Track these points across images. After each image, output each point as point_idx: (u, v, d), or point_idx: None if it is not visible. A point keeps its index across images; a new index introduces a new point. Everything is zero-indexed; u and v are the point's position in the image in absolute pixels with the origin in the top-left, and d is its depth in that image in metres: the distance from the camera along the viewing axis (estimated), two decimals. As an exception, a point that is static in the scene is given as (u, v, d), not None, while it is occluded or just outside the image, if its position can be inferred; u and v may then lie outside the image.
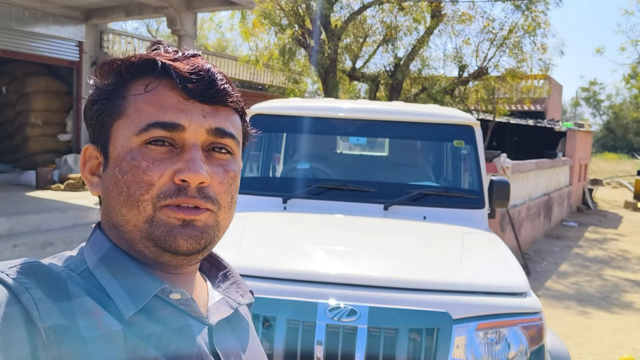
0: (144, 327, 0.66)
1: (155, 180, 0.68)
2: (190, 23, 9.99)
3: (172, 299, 0.70)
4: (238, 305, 0.81)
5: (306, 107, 3.80)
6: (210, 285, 0.83)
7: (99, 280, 0.68)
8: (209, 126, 0.71)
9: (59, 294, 0.63)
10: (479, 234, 3.10)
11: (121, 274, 0.69)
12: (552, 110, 18.07)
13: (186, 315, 0.71)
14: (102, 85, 0.74)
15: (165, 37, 28.82)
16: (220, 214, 0.73)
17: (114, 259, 0.70)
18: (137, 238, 0.69)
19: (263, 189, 3.61)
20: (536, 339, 2.25)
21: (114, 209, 0.70)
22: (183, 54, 0.73)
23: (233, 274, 0.87)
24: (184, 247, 0.69)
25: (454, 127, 3.63)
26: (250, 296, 0.86)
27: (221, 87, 0.72)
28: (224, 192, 0.72)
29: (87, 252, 0.72)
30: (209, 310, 0.76)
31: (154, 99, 0.70)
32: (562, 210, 12.68)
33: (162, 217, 0.68)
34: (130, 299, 0.67)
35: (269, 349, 2.22)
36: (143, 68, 0.71)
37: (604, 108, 51.54)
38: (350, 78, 14.55)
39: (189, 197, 0.68)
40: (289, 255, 2.62)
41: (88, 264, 0.70)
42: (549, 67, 13.62)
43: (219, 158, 0.73)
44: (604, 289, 7.02)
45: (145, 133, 0.69)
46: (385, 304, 2.22)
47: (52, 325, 0.60)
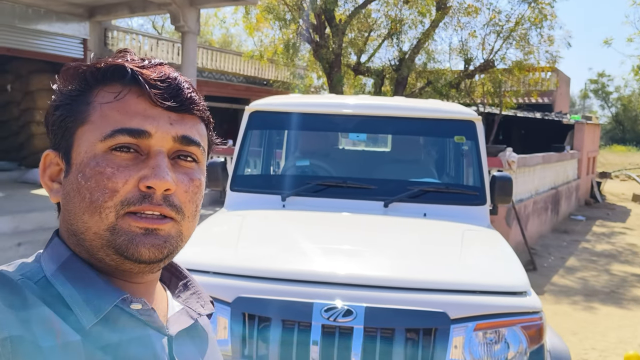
0: (103, 337, 0.65)
1: (119, 187, 0.66)
2: (194, 19, 9.96)
3: (132, 309, 0.69)
4: (198, 315, 0.80)
5: (305, 103, 3.77)
6: (170, 295, 0.82)
7: (57, 289, 0.67)
8: (175, 133, 0.70)
9: (16, 303, 0.62)
10: (480, 231, 3.06)
11: (80, 283, 0.68)
12: (560, 103, 17.91)
13: (146, 326, 0.70)
14: (65, 90, 0.73)
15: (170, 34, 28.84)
16: (184, 224, 0.71)
17: (73, 267, 0.69)
18: (97, 246, 0.68)
19: (262, 187, 3.58)
20: (536, 339, 2.21)
21: (74, 216, 0.69)
22: (149, 62, 0.73)
23: (194, 284, 0.85)
24: (146, 256, 0.67)
25: (455, 123, 3.58)
26: (211, 307, 0.84)
27: (188, 95, 0.72)
28: (188, 201, 0.71)
29: (45, 260, 0.71)
30: (169, 320, 0.75)
31: (120, 106, 0.69)
32: (570, 204, 12.58)
33: (124, 226, 0.67)
34: (90, 308, 0.66)
35: (265, 350, 2.19)
36: (110, 74, 0.70)
37: (612, 100, 51.11)
38: (355, 72, 14.47)
39: (154, 204, 0.67)
40: (286, 254, 2.59)
41: (45, 273, 0.68)
42: (556, 59, 13.49)
43: (185, 166, 0.72)
44: (611, 284, 6.95)
45: (111, 139, 0.67)
46: (382, 304, 2.18)
47: (9, 336, 0.58)
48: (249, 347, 2.20)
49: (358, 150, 4.46)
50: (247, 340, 2.21)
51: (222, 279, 2.31)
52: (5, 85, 11.55)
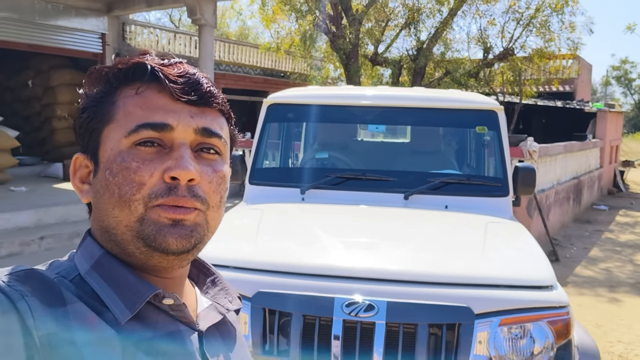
0: (136, 333, 0.67)
1: (146, 180, 0.68)
2: (210, 12, 9.96)
3: (164, 304, 0.71)
4: (227, 311, 0.82)
5: (323, 95, 3.73)
6: (198, 291, 0.84)
7: (91, 286, 0.69)
8: (196, 126, 0.72)
9: (53, 301, 0.64)
10: (503, 223, 3.00)
11: (114, 280, 0.70)
12: (581, 91, 17.58)
13: (177, 321, 0.72)
14: (90, 94, 0.75)
15: (187, 27, 28.92)
16: (209, 214, 0.73)
17: (106, 265, 0.71)
18: (128, 239, 0.70)
19: (281, 180, 3.56)
20: (563, 334, 2.16)
21: (105, 212, 0.71)
22: (169, 61, 0.75)
23: (221, 280, 0.87)
24: (174, 246, 0.69)
25: (476, 113, 3.51)
26: (239, 302, 0.86)
27: (207, 89, 0.74)
28: (213, 192, 0.73)
29: (79, 259, 0.73)
30: (198, 316, 0.78)
31: (143, 102, 0.71)
32: (593, 193, 12.37)
33: (153, 216, 0.69)
34: (124, 304, 0.68)
35: (286, 345, 2.18)
36: (131, 74, 0.73)
37: (635, 87, 50.05)
38: (372, 63, 14.36)
39: (179, 196, 0.69)
40: (306, 248, 2.57)
41: (80, 271, 0.71)
42: (577, 46, 13.22)
43: (208, 158, 0.74)
44: (636, 275, 6.82)
45: (135, 134, 0.69)
46: (404, 299, 2.15)
47: (47, 334, 0.60)
48: (269, 342, 2.19)
49: (377, 142, 4.41)
50: (268, 336, 2.19)
51: (243, 274, 2.30)
52: (26, 80, 11.70)
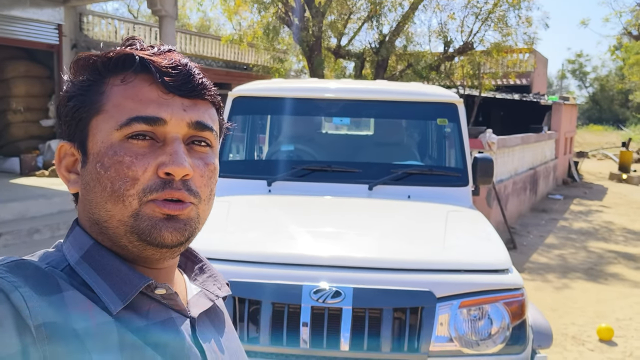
0: (129, 322, 0.67)
1: (139, 175, 0.68)
2: (171, 2, 9.82)
3: (156, 294, 0.71)
4: (216, 297, 0.82)
5: (288, 88, 3.78)
6: (187, 278, 0.84)
7: (82, 277, 0.69)
8: (189, 119, 0.72)
9: (48, 289, 0.64)
10: (463, 212, 3.12)
11: (105, 271, 0.69)
12: (537, 84, 18.10)
13: (169, 309, 0.73)
14: (77, 81, 0.74)
15: (146, 18, 28.35)
16: (201, 207, 0.74)
17: (97, 255, 0.71)
18: (121, 233, 0.70)
19: (247, 172, 3.60)
20: (518, 314, 2.28)
21: (96, 205, 0.71)
22: (159, 49, 0.74)
23: (209, 267, 0.88)
24: (169, 240, 0.70)
25: (437, 105, 3.63)
26: (227, 289, 0.87)
27: (199, 80, 0.73)
28: (204, 185, 0.74)
29: (68, 249, 0.72)
30: (189, 303, 0.78)
31: (133, 94, 0.70)
32: (548, 183, 12.80)
33: (148, 211, 0.69)
34: (116, 294, 0.68)
35: (256, 332, 2.24)
36: (121, 63, 0.71)
37: (589, 80, 51.76)
38: (335, 56, 14.42)
39: (174, 189, 0.69)
40: (274, 238, 2.62)
41: (69, 261, 0.70)
42: (533, 40, 13.60)
43: (199, 151, 0.74)
44: (589, 261, 7.14)
45: (127, 127, 0.69)
46: (370, 285, 2.23)
47: (43, 323, 0.60)
48: (239, 330, 2.24)
49: (342, 135, 4.49)
50: (238, 324, 2.24)
51: (212, 264, 2.33)
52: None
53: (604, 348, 4.36)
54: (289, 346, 2.20)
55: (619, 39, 24.08)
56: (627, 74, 28.03)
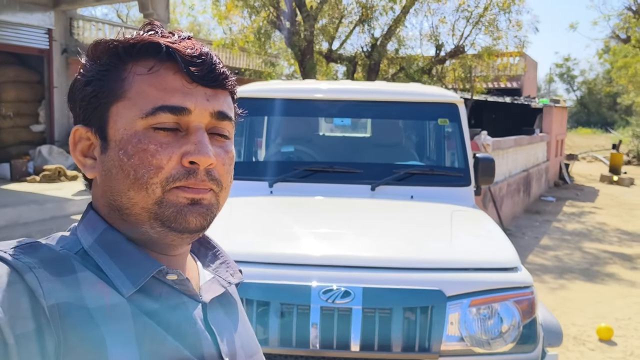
0: (142, 304, 0.68)
1: (164, 164, 0.68)
2: (163, 6, 9.79)
3: (168, 279, 0.72)
4: (229, 284, 0.83)
5: (290, 89, 3.76)
6: (200, 265, 0.84)
7: (95, 260, 0.69)
8: (212, 109, 0.72)
9: (62, 270, 0.64)
10: (467, 211, 3.11)
11: (118, 255, 0.70)
12: (527, 87, 18.23)
13: (181, 294, 0.73)
14: (95, 65, 0.72)
15: (136, 23, 28.24)
16: (221, 195, 0.75)
17: (110, 239, 0.71)
18: (144, 219, 0.70)
19: (248, 174, 3.56)
20: (528, 313, 2.27)
21: (118, 192, 0.70)
22: (179, 36, 0.73)
23: (222, 254, 0.88)
24: (193, 224, 0.70)
25: (438, 106, 3.62)
26: (240, 275, 0.87)
27: (221, 70, 0.73)
28: (226, 173, 0.75)
29: (82, 233, 0.72)
30: (201, 288, 0.78)
31: (158, 82, 0.70)
32: (541, 185, 12.87)
33: (172, 198, 0.69)
34: (128, 279, 0.68)
35: (264, 334, 2.20)
36: (144, 50, 0.71)
37: (577, 83, 52.24)
38: (327, 59, 14.43)
39: (198, 180, 0.70)
40: (280, 239, 2.60)
41: (83, 245, 0.70)
42: (524, 44, 13.70)
43: (220, 140, 0.75)
44: (585, 262, 7.16)
45: (152, 117, 0.69)
46: (379, 284, 2.21)
47: (56, 303, 0.61)
48: (248, 331, 2.21)
49: (341, 136, 4.47)
50: (246, 325, 2.21)
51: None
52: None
53: (604, 348, 4.36)
54: (298, 347, 2.17)
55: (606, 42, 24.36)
56: (615, 77, 28.31)
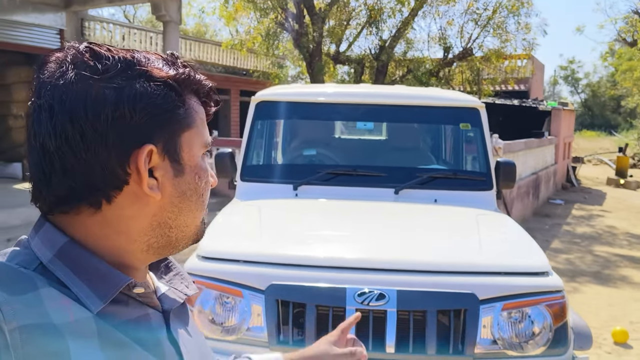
0: (107, 318, 0.66)
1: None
2: (175, 8, 9.85)
3: (134, 292, 0.71)
4: (185, 296, 0.82)
5: (312, 93, 3.79)
6: (153, 275, 0.84)
7: (57, 275, 0.66)
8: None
9: (22, 288, 0.62)
10: (491, 215, 3.15)
11: (82, 269, 0.67)
12: (535, 90, 18.25)
13: (144, 306, 0.73)
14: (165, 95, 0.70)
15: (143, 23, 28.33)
16: None
17: (72, 253, 0.68)
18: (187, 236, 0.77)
19: (272, 177, 3.60)
20: (560, 316, 2.30)
21: (187, 213, 0.75)
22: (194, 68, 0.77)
23: (175, 265, 0.88)
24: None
25: (460, 110, 3.65)
26: (195, 287, 0.86)
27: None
28: None
29: (38, 247, 0.68)
30: (160, 299, 0.78)
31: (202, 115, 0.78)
32: (549, 188, 12.88)
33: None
34: (94, 293, 0.66)
35: (300, 335, 2.24)
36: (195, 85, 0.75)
37: (582, 86, 52.20)
38: (334, 61, 14.47)
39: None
40: (313, 242, 2.63)
41: (41, 259, 0.67)
42: (532, 46, 13.73)
43: None
44: (596, 265, 7.18)
45: (204, 147, 0.78)
46: (413, 287, 2.25)
47: (18, 327, 0.59)
48: (283, 333, 2.25)
49: (364, 139, 4.50)
50: (282, 327, 2.25)
51: (255, 267, 2.34)
52: (-21, 77, 11.24)
53: (620, 351, 4.39)
54: (334, 349, 2.20)
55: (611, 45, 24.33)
56: (620, 80, 28.29)
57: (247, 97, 17.40)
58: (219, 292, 2.32)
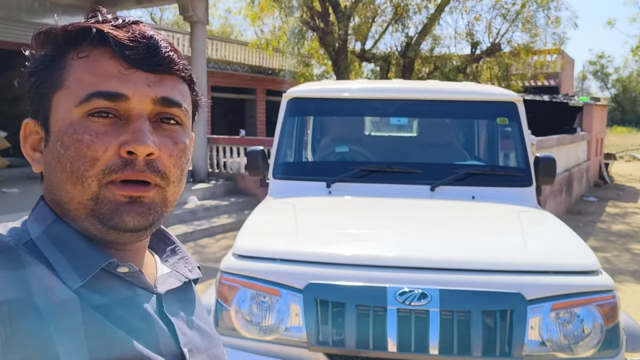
0: (93, 298, 0.65)
1: (99, 155, 0.65)
2: (202, 8, 9.87)
3: (119, 272, 0.69)
4: (186, 279, 0.80)
5: (344, 89, 3.74)
6: (158, 259, 0.82)
7: (42, 252, 0.66)
8: (154, 95, 0.68)
9: (12, 263, 0.62)
10: (533, 212, 3.05)
11: (66, 247, 0.67)
12: (565, 85, 17.86)
13: (134, 287, 0.70)
14: (38, 56, 0.70)
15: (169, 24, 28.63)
16: (169, 189, 0.70)
17: (59, 231, 0.68)
18: (82, 216, 0.67)
19: (305, 174, 3.56)
20: (611, 317, 2.20)
21: (57, 186, 0.68)
22: (123, 21, 0.70)
23: (181, 250, 0.86)
24: (131, 224, 0.67)
25: (497, 104, 3.55)
26: (198, 272, 0.84)
27: (165, 54, 0.69)
28: (173, 165, 0.70)
29: (31, 224, 0.70)
30: (157, 281, 0.76)
31: (94, 68, 0.67)
32: (582, 185, 12.58)
33: (108, 195, 0.66)
34: (75, 272, 0.65)
35: (340, 335, 2.18)
36: (80, 36, 0.68)
37: (612, 81, 51.02)
38: (360, 59, 14.40)
39: (137, 171, 0.66)
40: (352, 239, 2.58)
41: (31, 235, 0.68)
42: (563, 40, 13.44)
43: (168, 129, 0.70)
44: (634, 263, 6.96)
45: (87, 104, 0.65)
46: (456, 287, 2.17)
47: (5, 300, 0.58)
48: (323, 333, 2.19)
49: (398, 135, 4.42)
50: (321, 327, 2.19)
51: (292, 266, 2.29)
52: (12, 80, 11.45)
53: (666, 353, 4.22)
54: (375, 350, 2.14)
55: (642, 38, 23.68)
56: (652, 74, 27.53)
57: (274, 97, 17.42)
58: (255, 291, 2.28)
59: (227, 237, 7.84)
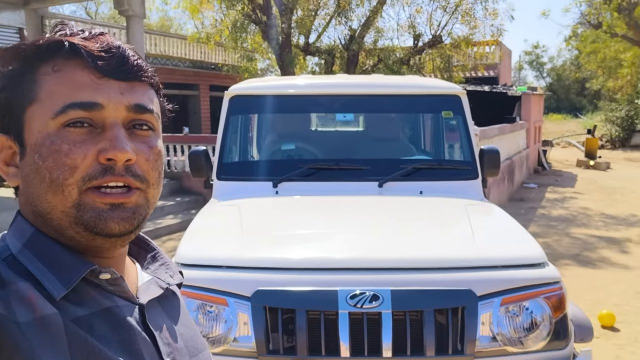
0: (73, 310, 0.65)
1: (79, 163, 0.66)
2: (138, 2, 9.52)
3: (101, 279, 0.70)
4: (168, 285, 0.81)
5: (288, 85, 3.65)
6: (139, 267, 0.83)
7: (24, 265, 0.67)
8: (128, 103, 0.70)
9: None
10: (480, 205, 3.06)
11: (47, 258, 0.68)
12: (503, 75, 18.38)
13: (114, 297, 0.71)
14: (7, 72, 0.71)
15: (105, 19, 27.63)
16: (150, 192, 0.72)
17: (39, 243, 0.69)
18: (66, 224, 0.68)
19: (250, 174, 3.45)
20: (559, 308, 2.22)
21: (38, 197, 0.68)
22: (90, 33, 0.72)
23: (162, 256, 0.86)
24: (116, 229, 0.68)
25: (441, 98, 3.55)
26: (180, 277, 0.85)
27: (134, 62, 0.72)
28: (151, 169, 0.72)
29: (10, 238, 0.71)
30: (138, 290, 0.77)
31: (66, 80, 0.68)
32: (522, 172, 12.99)
33: (89, 201, 0.67)
34: (58, 280, 0.66)
35: (291, 343, 2.11)
36: (51, 50, 0.69)
37: (546, 70, 53.05)
38: (304, 53, 14.31)
39: (117, 175, 0.68)
40: (299, 243, 2.50)
41: (12, 250, 0.69)
42: (500, 32, 13.78)
43: (141, 135, 0.72)
44: (574, 247, 7.23)
45: (63, 115, 0.67)
46: (408, 286, 2.13)
47: None
48: (273, 341, 2.11)
49: (344, 130, 4.38)
50: (271, 335, 2.11)
51: (238, 273, 2.20)
52: None
53: (608, 335, 4.38)
54: (328, 355, 2.08)
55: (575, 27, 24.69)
56: (584, 63, 28.80)
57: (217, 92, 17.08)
58: (201, 302, 2.17)
59: (173, 238, 7.62)
